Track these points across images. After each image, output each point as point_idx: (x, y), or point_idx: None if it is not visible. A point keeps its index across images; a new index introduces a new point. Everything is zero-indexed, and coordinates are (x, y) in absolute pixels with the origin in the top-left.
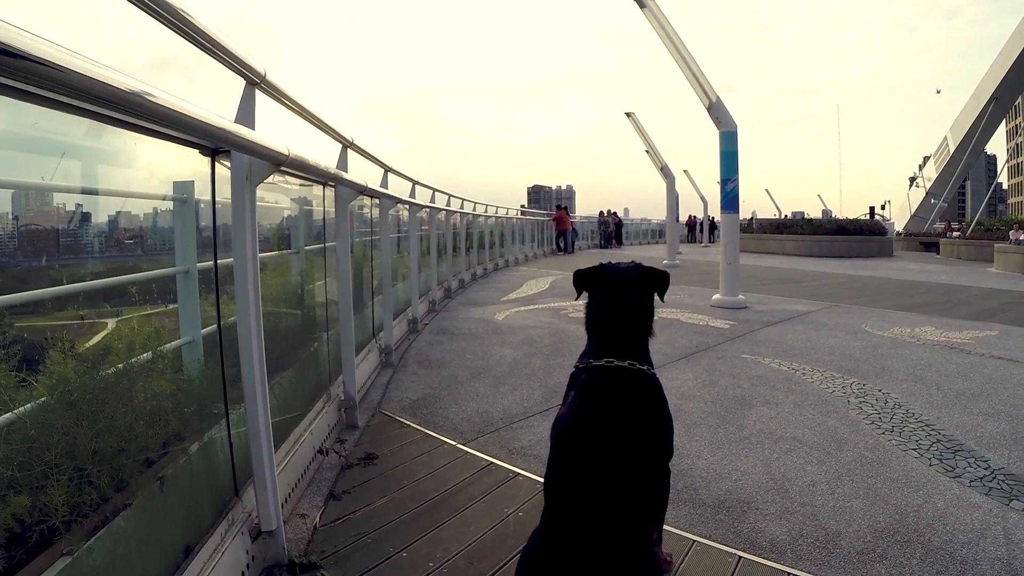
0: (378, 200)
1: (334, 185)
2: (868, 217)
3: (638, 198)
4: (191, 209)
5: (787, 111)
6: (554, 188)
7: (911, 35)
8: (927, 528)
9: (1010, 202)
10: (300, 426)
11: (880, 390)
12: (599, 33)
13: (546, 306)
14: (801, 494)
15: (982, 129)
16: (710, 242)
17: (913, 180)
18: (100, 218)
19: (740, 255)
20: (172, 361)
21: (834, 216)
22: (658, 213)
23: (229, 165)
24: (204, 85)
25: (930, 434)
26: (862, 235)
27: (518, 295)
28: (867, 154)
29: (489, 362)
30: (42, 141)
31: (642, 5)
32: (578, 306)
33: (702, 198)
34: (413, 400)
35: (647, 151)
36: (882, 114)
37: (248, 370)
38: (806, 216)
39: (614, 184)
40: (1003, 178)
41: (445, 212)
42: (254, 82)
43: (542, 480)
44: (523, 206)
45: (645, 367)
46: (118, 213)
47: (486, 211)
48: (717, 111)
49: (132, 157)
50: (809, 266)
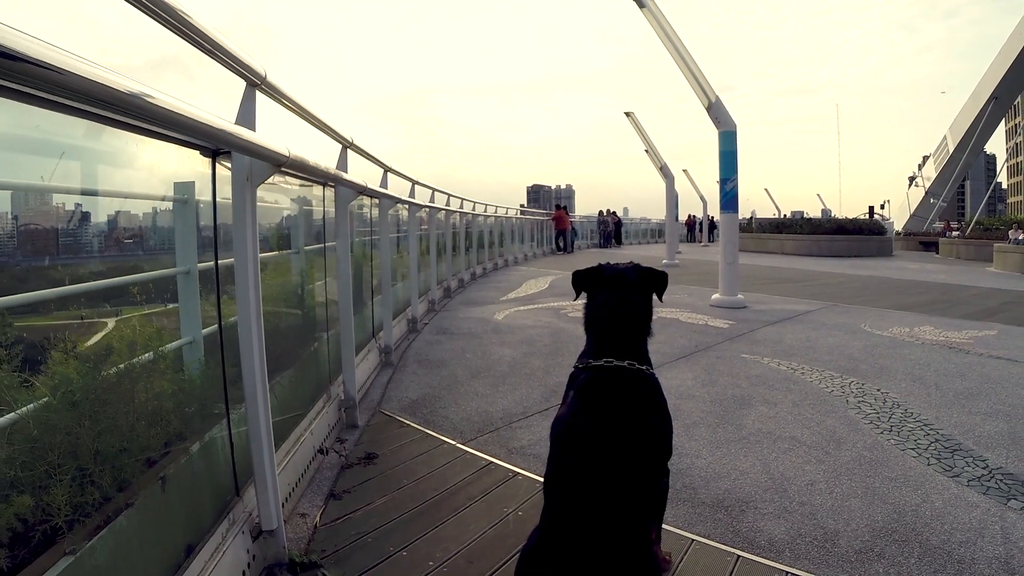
0: (378, 200)
1: (334, 185)
2: (867, 216)
3: (637, 197)
4: (192, 210)
5: (786, 110)
6: (553, 187)
7: (910, 34)
8: (925, 527)
9: (1009, 201)
10: (300, 426)
11: (879, 389)
12: (599, 33)
13: (545, 306)
14: (799, 493)
15: (981, 128)
16: (709, 241)
17: (912, 179)
18: (102, 219)
19: (739, 254)
20: (173, 361)
21: (833, 215)
22: (658, 213)
23: (230, 166)
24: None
25: (928, 433)
26: (861, 234)
27: (517, 295)
28: (866, 153)
29: (489, 362)
30: (44, 143)
31: (641, 5)
32: (577, 306)
33: (701, 198)
34: (413, 400)
35: (646, 151)
36: (881, 113)
37: (249, 370)
38: (805, 215)
39: (613, 184)
40: (1002, 177)
41: (444, 212)
42: (255, 83)
43: (541, 479)
44: (522, 205)
45: (644, 367)
46: (118, 213)
47: (485, 211)
48: (716, 111)
49: (133, 158)
50: (808, 265)
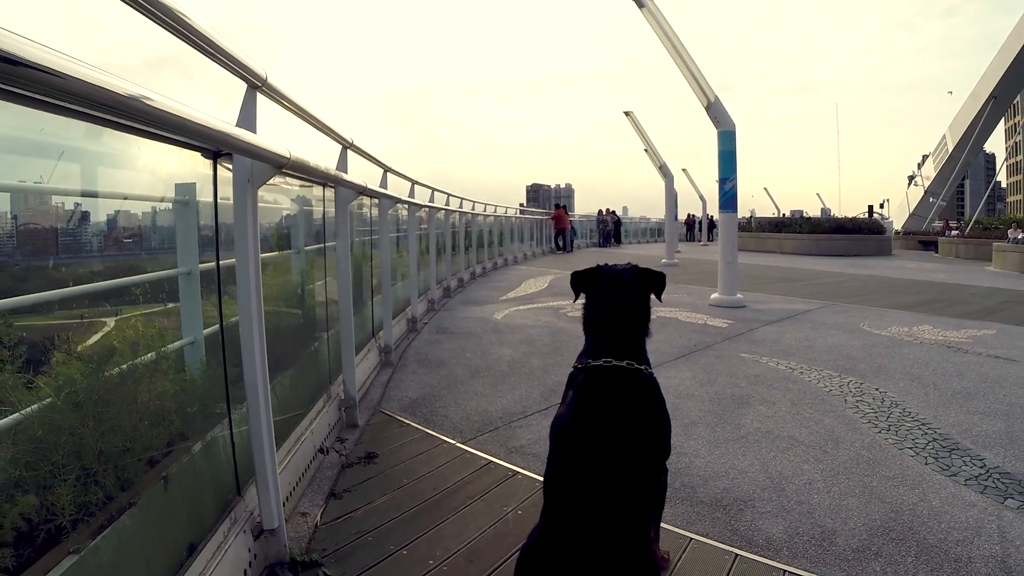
0: (377, 200)
1: (334, 186)
2: (867, 216)
3: (637, 197)
4: (193, 210)
5: (786, 109)
6: (553, 187)
7: (910, 34)
8: (922, 526)
9: (1009, 200)
10: (301, 425)
11: (877, 389)
12: (598, 32)
13: (545, 305)
14: (797, 492)
15: (981, 127)
16: (709, 241)
17: (912, 179)
18: (105, 220)
19: (739, 254)
20: (175, 361)
21: (833, 215)
22: (657, 212)
23: (231, 167)
24: (203, 84)
25: (926, 433)
26: (860, 234)
27: (517, 294)
28: (866, 153)
29: (488, 361)
30: (47, 145)
31: (640, 4)
32: (577, 305)
33: (701, 197)
34: (413, 399)
35: (646, 150)
36: (881, 112)
37: (250, 370)
38: (805, 215)
39: (613, 183)
40: (1002, 176)
41: (444, 211)
42: (256, 86)
43: (541, 478)
44: (522, 205)
45: (643, 367)
46: (118, 212)
47: (485, 210)
48: (715, 111)
49: (135, 160)
50: (807, 265)
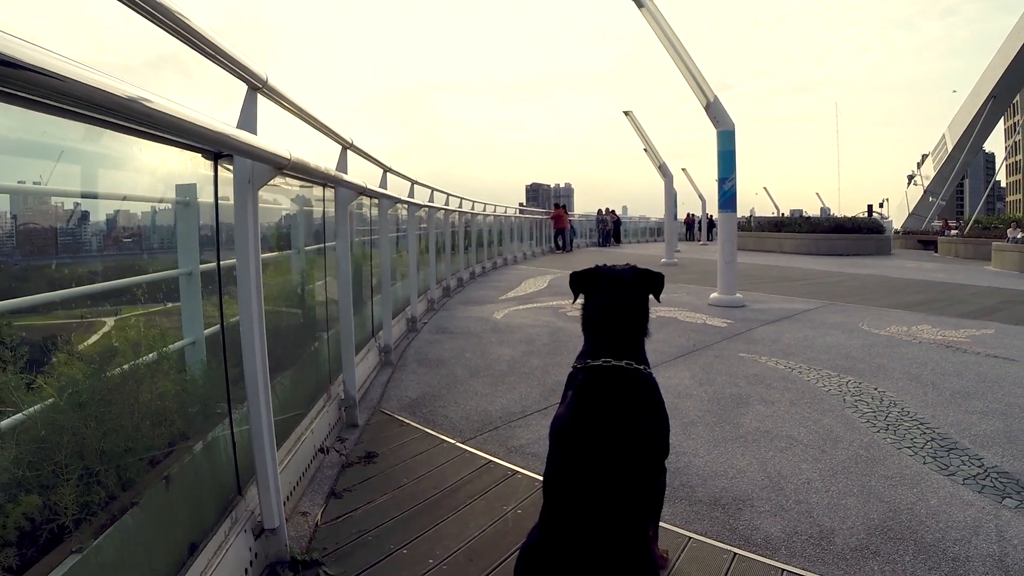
0: (377, 200)
1: (334, 186)
2: (866, 215)
3: (636, 196)
4: (194, 211)
5: (785, 109)
6: (552, 186)
7: (909, 33)
8: (920, 525)
9: (1008, 200)
10: (301, 425)
11: (876, 388)
12: (597, 31)
13: (544, 305)
14: (796, 492)
15: (980, 127)
16: (708, 240)
17: (911, 178)
18: (105, 221)
19: (738, 253)
20: (176, 362)
21: (832, 214)
22: (656, 211)
23: (231, 168)
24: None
25: (924, 432)
26: (860, 233)
27: (516, 294)
28: (865, 152)
29: (488, 361)
30: (49, 147)
31: (640, 4)
32: (576, 305)
33: (700, 196)
34: (412, 399)
35: (645, 149)
36: (880, 112)
37: (251, 370)
38: (804, 214)
39: (612, 182)
40: (1001, 176)
41: (444, 211)
42: (256, 87)
43: (540, 478)
44: (521, 204)
45: (642, 367)
46: (117, 213)
47: (484, 210)
48: (715, 110)
49: (136, 161)
50: (807, 264)
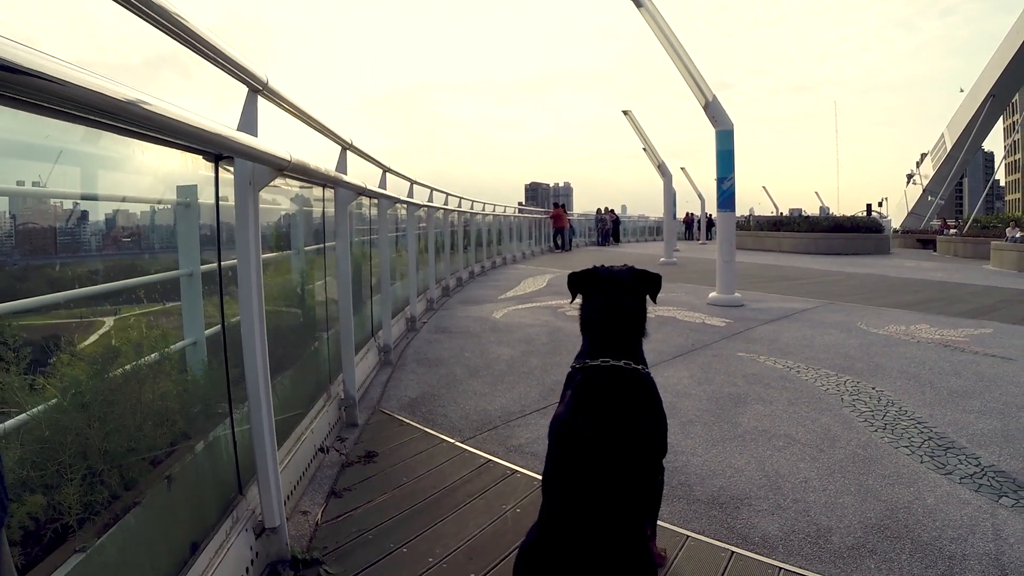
0: (376, 200)
1: (334, 186)
2: (865, 214)
3: (635, 195)
4: (195, 213)
5: (784, 108)
6: (551, 185)
7: (908, 32)
8: (917, 524)
9: (1007, 199)
10: (301, 425)
11: (874, 388)
12: (597, 31)
13: (543, 304)
14: (793, 491)
15: (979, 126)
16: (707, 239)
17: (910, 177)
18: (110, 223)
19: (737, 252)
20: (177, 362)
21: (831, 213)
22: (656, 210)
23: (232, 169)
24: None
25: (922, 431)
26: (859, 232)
27: (515, 293)
28: (865, 151)
29: (487, 360)
30: (51, 149)
31: (638, 4)
32: (575, 304)
33: (699, 195)
34: (412, 398)
35: (644, 149)
36: (879, 111)
37: (252, 370)
38: (803, 213)
39: (612, 181)
40: (1000, 175)
41: (443, 211)
42: (257, 89)
43: (539, 477)
44: (521, 203)
45: (640, 366)
46: (117, 214)
47: (483, 209)
48: (713, 110)
49: (137, 163)
50: (806, 263)
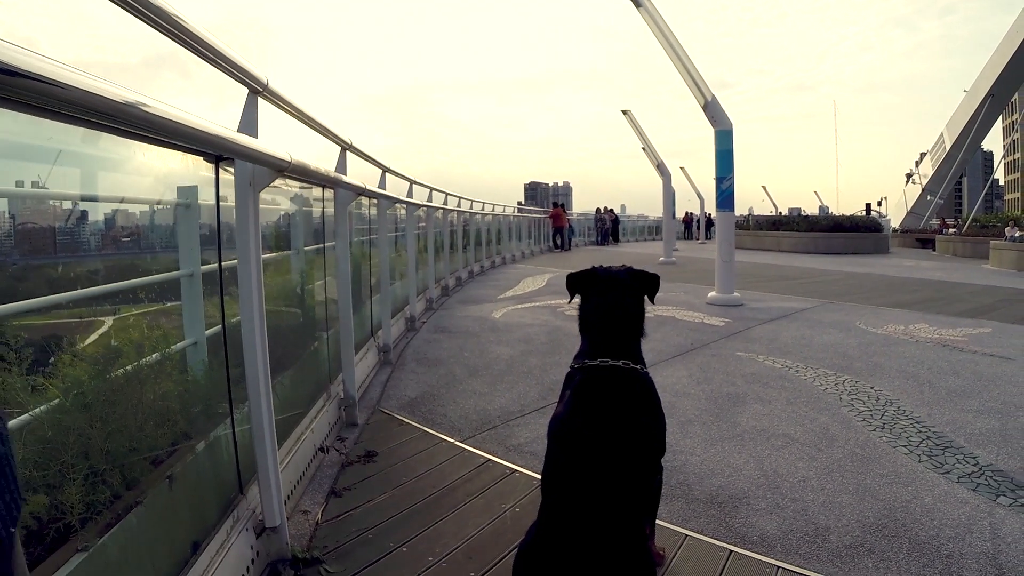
0: (376, 200)
1: (333, 187)
2: (864, 214)
3: (635, 195)
4: (195, 213)
5: (784, 107)
6: (551, 185)
7: (908, 32)
8: (915, 523)
9: (1006, 198)
10: (301, 424)
11: (872, 387)
12: (596, 30)
13: (543, 304)
14: (792, 490)
15: (979, 125)
16: (707, 239)
17: (909, 177)
18: (111, 224)
19: (736, 252)
20: (178, 362)
21: (831, 212)
22: (655, 210)
23: (232, 170)
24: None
25: (920, 431)
26: (858, 232)
27: (515, 293)
28: (864, 150)
29: (486, 360)
30: (52, 151)
31: (638, 4)
32: (574, 304)
33: (698, 195)
34: (411, 398)
35: (643, 148)
36: (879, 110)
37: (252, 370)
38: (803, 212)
39: (611, 181)
40: (999, 174)
41: (442, 210)
42: (257, 91)
43: (539, 476)
44: (520, 203)
45: (638, 366)
46: (117, 215)
47: (483, 209)
48: (712, 110)
49: (138, 164)
50: (805, 263)
